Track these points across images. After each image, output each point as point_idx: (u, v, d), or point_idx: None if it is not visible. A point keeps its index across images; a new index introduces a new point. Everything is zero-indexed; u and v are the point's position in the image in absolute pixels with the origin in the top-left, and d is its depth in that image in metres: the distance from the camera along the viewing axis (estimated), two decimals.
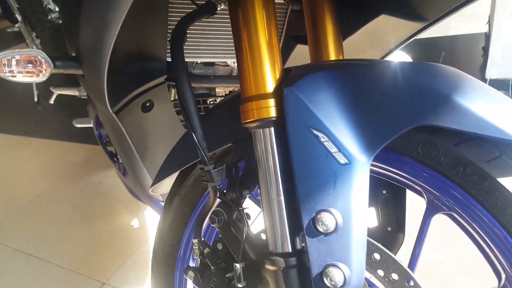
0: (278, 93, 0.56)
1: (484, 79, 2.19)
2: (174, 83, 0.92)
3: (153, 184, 0.80)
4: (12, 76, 0.68)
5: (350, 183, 0.52)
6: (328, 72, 0.55)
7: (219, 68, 1.03)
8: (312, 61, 0.79)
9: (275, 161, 0.57)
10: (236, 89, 1.11)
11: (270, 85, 0.57)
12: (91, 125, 1.51)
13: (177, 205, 0.81)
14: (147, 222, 1.71)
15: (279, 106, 0.56)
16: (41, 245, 1.67)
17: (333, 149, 0.53)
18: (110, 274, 1.47)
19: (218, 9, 0.69)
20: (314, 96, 0.54)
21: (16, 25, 2.27)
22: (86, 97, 1.57)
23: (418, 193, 0.60)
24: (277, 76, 0.58)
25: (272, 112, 0.56)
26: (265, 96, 0.57)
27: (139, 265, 1.50)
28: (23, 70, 0.67)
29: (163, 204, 1.04)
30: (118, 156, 1.16)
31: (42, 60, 0.69)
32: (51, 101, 1.62)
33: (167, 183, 0.82)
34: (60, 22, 2.03)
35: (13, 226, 1.81)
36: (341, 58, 0.78)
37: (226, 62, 1.00)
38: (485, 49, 2.57)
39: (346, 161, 0.52)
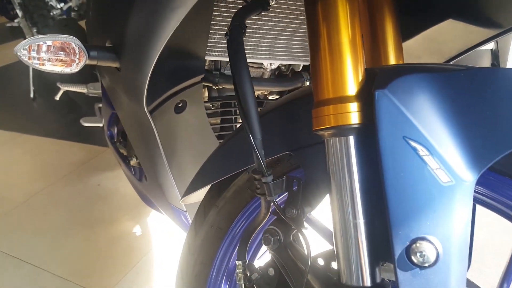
0: (363, 96, 0.48)
1: None
2: (210, 84, 0.84)
3: (186, 194, 0.71)
4: (40, 64, 0.58)
5: (453, 206, 0.44)
6: (426, 75, 0.47)
7: (251, 70, 0.95)
8: (368, 66, 0.71)
9: (353, 176, 0.49)
10: (267, 94, 1.03)
11: (351, 87, 0.49)
12: (99, 124, 1.41)
13: (212, 218, 0.72)
14: (151, 230, 1.61)
15: (363, 112, 0.48)
16: (34, 251, 1.55)
17: (434, 165, 0.45)
18: (110, 287, 1.36)
19: (272, 3, 0.61)
20: (411, 101, 0.46)
21: (16, 20, 2.17)
22: (95, 95, 1.47)
23: None
24: (360, 77, 0.49)
25: (354, 118, 0.48)
26: (346, 99, 0.48)
27: (142, 277, 1.40)
28: (54, 57, 0.58)
29: (185, 214, 0.95)
30: (138, 160, 1.06)
31: (76, 48, 0.59)
32: (57, 98, 1.51)
33: (198, 193, 0.73)
34: (65, 17, 1.94)
35: (5, 229, 1.69)
36: (401, 62, 0.71)
37: (262, 63, 0.92)
38: (495, 66, 2.54)
39: (449, 180, 0.44)
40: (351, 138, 0.49)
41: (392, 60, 0.70)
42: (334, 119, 0.48)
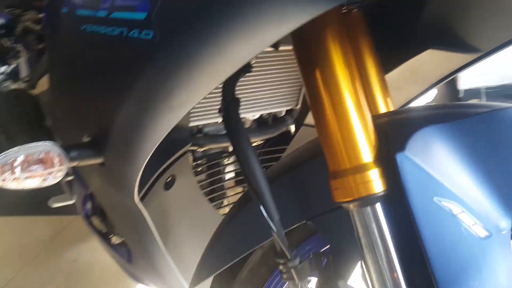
0: (381, 161, 0.46)
1: (456, 91, 2.24)
2: (195, 148, 0.80)
3: (193, 284, 0.66)
4: (17, 184, 0.52)
5: (496, 259, 0.43)
6: (442, 126, 0.46)
7: None
8: None
9: (387, 244, 0.47)
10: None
11: (367, 153, 0.47)
12: (70, 202, 1.32)
13: None
14: None
15: (385, 177, 0.46)
16: None
17: (470, 221, 0.43)
18: None
19: (253, 63, 0.59)
20: (432, 158, 0.45)
21: None
22: None
23: None
24: (372, 138, 0.47)
25: (378, 187, 0.46)
26: (365, 168, 0.46)
27: None
28: (30, 174, 0.52)
29: None
30: (125, 241, 0.99)
31: (55, 155, 0.54)
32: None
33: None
34: (14, 88, 1.82)
35: None
36: (388, 99, 0.70)
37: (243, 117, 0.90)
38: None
39: (487, 233, 0.43)
40: (378, 206, 0.47)
41: (380, 98, 0.69)
42: (357, 191, 0.46)
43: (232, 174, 0.97)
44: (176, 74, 0.38)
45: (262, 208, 0.51)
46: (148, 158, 0.53)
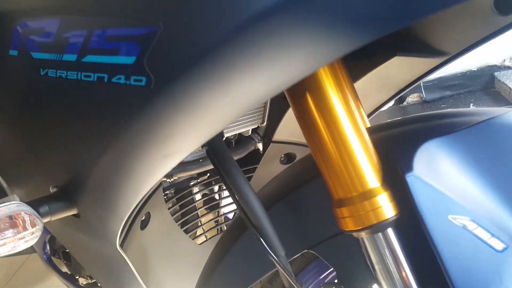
0: (388, 183, 0.44)
1: None
2: (168, 179, 0.74)
3: None
4: None
5: None
6: (443, 138, 0.44)
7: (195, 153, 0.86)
8: None
9: (403, 268, 0.45)
10: None
11: (372, 177, 0.44)
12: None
13: None
14: None
15: (395, 200, 0.44)
16: None
17: (486, 235, 0.43)
18: None
19: None
20: (439, 173, 0.43)
21: None
22: None
23: None
24: (375, 161, 0.45)
25: (389, 212, 0.44)
26: (373, 193, 0.44)
27: None
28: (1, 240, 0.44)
29: None
30: (97, 282, 0.91)
31: (25, 216, 0.46)
32: None
33: None
34: None
35: None
36: (362, 110, 0.69)
37: None
38: None
39: (504, 245, 0.43)
40: (391, 231, 0.45)
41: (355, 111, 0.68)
42: (367, 219, 0.44)
43: (201, 201, 0.92)
44: (174, 121, 0.34)
45: (264, 243, 0.48)
46: (133, 207, 0.48)
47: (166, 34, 0.29)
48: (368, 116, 0.82)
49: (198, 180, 0.90)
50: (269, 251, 0.47)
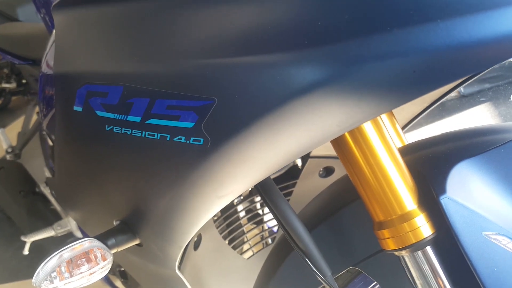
0: (424, 204, 0.48)
1: None
2: None
3: None
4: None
5: None
6: (474, 158, 0.47)
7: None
8: None
9: (443, 283, 0.48)
10: None
11: (409, 200, 0.48)
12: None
13: None
14: None
15: (432, 220, 0.48)
16: None
17: None
18: None
19: None
20: (471, 192, 0.46)
21: None
22: (64, 233, 1.35)
23: None
24: (411, 184, 0.49)
25: (427, 231, 0.47)
26: (411, 215, 0.47)
27: None
28: (77, 278, 0.51)
29: None
30: None
31: (97, 251, 0.53)
32: (26, 252, 1.36)
33: None
34: None
35: None
36: (397, 125, 0.71)
37: None
38: None
39: None
40: (429, 249, 0.48)
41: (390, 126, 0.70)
42: (407, 239, 0.47)
43: (245, 217, 0.96)
44: (227, 171, 0.39)
45: (311, 265, 0.52)
46: (191, 238, 0.53)
47: (221, 105, 0.35)
48: (403, 128, 0.84)
49: (242, 197, 0.95)
50: (317, 272, 0.51)
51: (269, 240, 0.98)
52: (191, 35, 0.36)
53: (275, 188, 0.54)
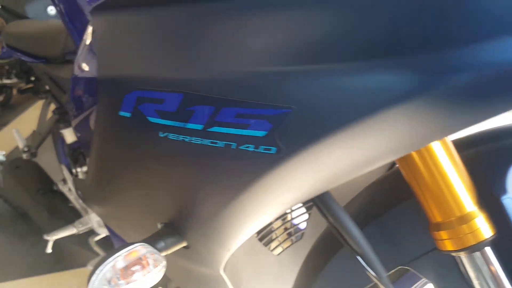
0: (483, 205, 0.47)
1: None
2: None
3: None
4: None
5: None
6: None
7: None
8: None
9: (501, 284, 0.48)
10: None
11: (468, 201, 0.47)
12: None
13: None
14: None
15: (492, 220, 0.47)
16: None
17: None
18: None
19: None
20: None
21: None
22: (86, 230, 1.35)
23: None
24: (469, 183, 0.48)
25: (487, 232, 0.47)
26: (471, 216, 0.47)
27: None
28: (133, 285, 0.50)
29: None
30: None
31: (149, 256, 0.52)
32: (49, 250, 1.37)
33: None
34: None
35: None
36: None
37: None
38: None
39: None
40: (488, 249, 0.47)
41: None
42: (466, 240, 0.47)
43: None
44: (297, 180, 0.38)
45: (366, 266, 0.51)
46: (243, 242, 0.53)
47: (298, 114, 0.34)
48: None
49: None
50: (373, 273, 0.51)
51: (295, 237, 0.98)
52: (265, 40, 0.34)
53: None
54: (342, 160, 0.35)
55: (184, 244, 0.59)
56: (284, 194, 0.41)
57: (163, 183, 0.54)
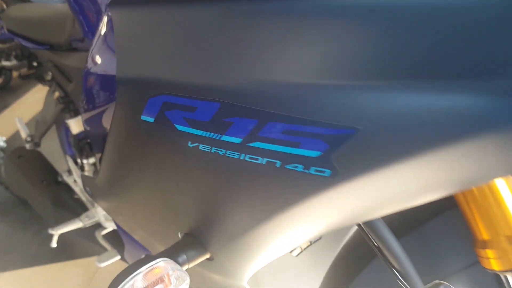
0: None
1: None
2: None
3: None
4: None
5: None
6: None
7: None
8: None
9: None
10: None
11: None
12: (117, 258, 1.27)
13: None
14: None
15: None
16: None
17: None
18: None
19: None
20: None
21: None
22: (93, 224, 1.32)
23: None
24: None
25: None
26: None
27: None
28: None
29: None
30: None
31: (171, 272, 0.49)
32: (54, 245, 1.34)
33: None
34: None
35: None
36: None
37: None
38: None
39: None
40: None
41: None
42: None
43: None
44: (350, 205, 0.34)
45: (402, 279, 0.48)
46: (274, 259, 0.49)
47: (363, 136, 0.29)
48: None
49: None
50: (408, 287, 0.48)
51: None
52: (327, 47, 0.29)
53: None
54: (406, 187, 0.31)
55: (207, 256, 0.56)
56: (329, 217, 0.37)
57: (188, 193, 0.50)
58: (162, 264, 0.49)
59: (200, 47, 0.37)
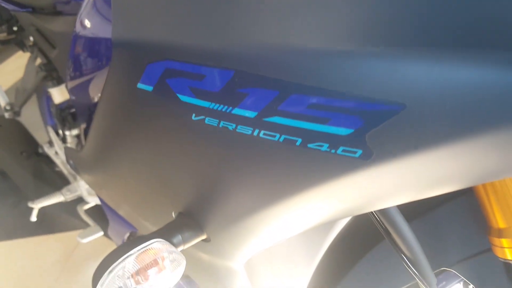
0: None
1: None
2: None
3: None
4: None
5: None
6: None
7: None
8: None
9: None
10: None
11: None
12: (100, 234, 1.23)
13: None
14: None
15: None
16: None
17: None
18: None
19: None
20: None
21: None
22: (74, 198, 1.27)
23: None
24: None
25: None
26: None
27: None
28: (149, 285, 0.43)
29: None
30: None
31: (166, 254, 0.45)
32: (33, 218, 1.28)
33: None
34: None
35: None
36: None
37: None
38: None
39: None
40: None
41: None
42: None
43: None
44: (379, 189, 0.31)
45: (410, 264, 0.46)
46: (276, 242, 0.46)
47: (409, 113, 0.25)
48: None
49: None
50: (421, 279, 0.45)
51: None
52: (372, 5, 0.24)
53: None
54: (444, 171, 0.28)
55: (203, 237, 0.53)
56: (348, 202, 0.34)
57: (187, 170, 0.46)
58: (156, 246, 0.45)
59: (212, 4, 0.32)
